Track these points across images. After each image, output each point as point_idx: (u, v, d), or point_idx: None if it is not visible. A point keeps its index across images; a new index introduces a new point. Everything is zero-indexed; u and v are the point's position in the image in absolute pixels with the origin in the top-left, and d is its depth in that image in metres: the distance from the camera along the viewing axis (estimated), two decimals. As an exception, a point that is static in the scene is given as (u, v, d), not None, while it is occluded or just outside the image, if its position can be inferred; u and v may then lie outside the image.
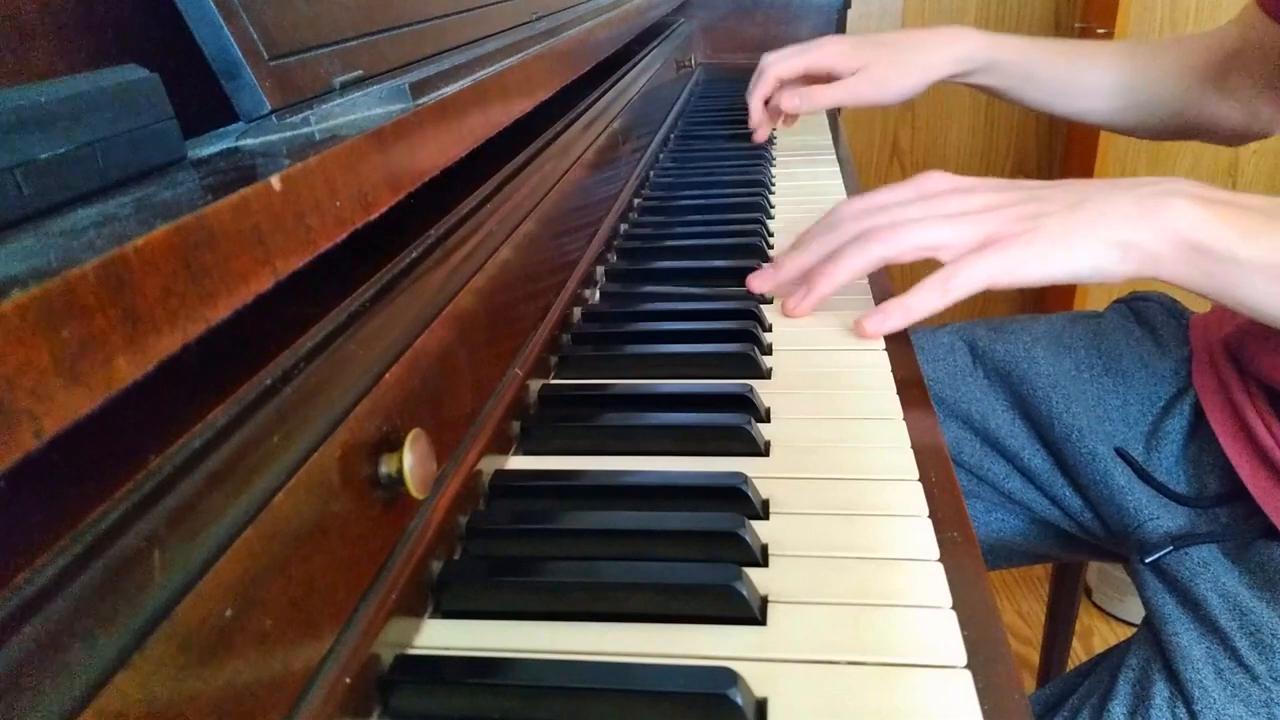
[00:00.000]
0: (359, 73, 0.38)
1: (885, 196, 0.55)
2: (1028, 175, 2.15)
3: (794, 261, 0.58)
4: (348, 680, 0.28)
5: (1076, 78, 0.86)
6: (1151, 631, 0.59)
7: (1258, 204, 0.47)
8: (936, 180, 0.55)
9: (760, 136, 0.99)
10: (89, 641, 0.19)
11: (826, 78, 0.91)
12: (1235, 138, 0.83)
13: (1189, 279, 0.47)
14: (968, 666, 0.31)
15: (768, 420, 0.47)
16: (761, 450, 0.44)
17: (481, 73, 0.42)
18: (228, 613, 0.22)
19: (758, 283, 0.60)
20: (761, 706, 0.30)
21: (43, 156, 0.21)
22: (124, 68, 0.25)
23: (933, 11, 2.05)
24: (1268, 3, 0.75)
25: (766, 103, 0.95)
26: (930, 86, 0.88)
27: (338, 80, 0.36)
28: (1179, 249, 0.46)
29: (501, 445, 0.44)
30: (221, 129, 0.31)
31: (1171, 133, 0.87)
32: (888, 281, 0.63)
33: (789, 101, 0.91)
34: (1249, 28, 0.78)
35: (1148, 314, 0.78)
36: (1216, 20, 1.91)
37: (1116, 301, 0.83)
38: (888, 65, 0.88)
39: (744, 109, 0.98)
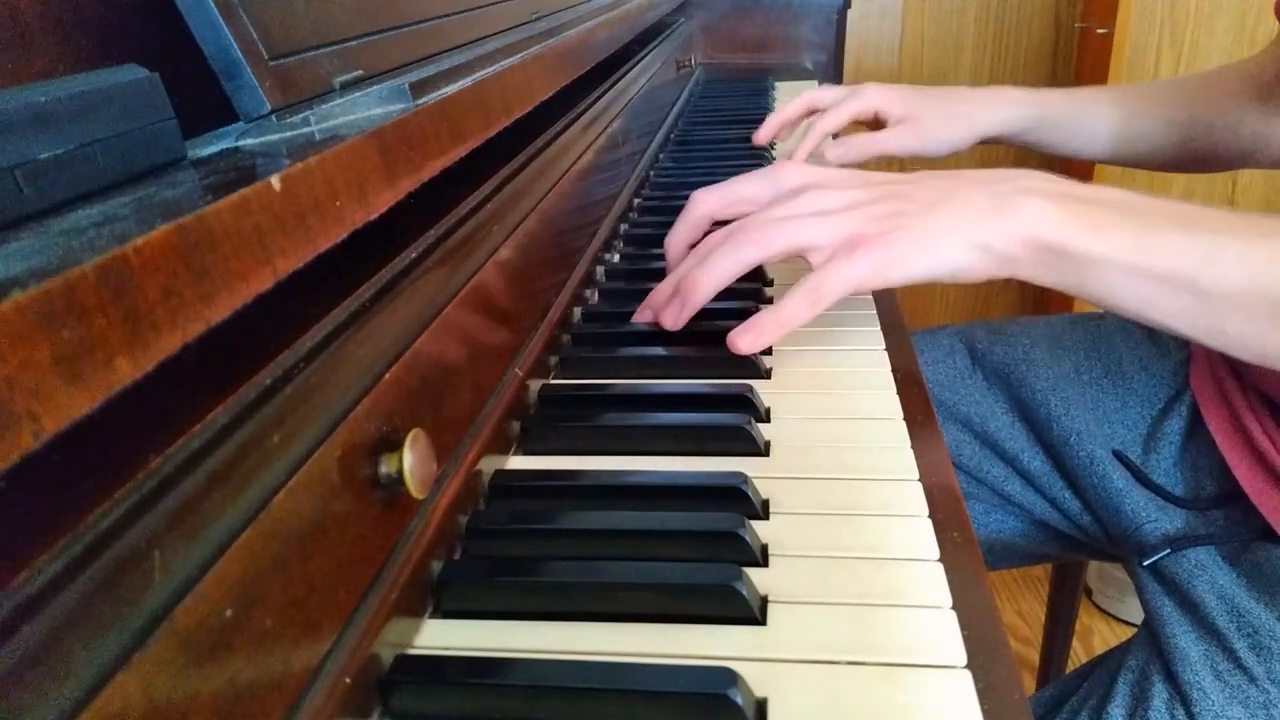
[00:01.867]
0: (359, 73, 0.38)
1: (743, 190, 0.54)
2: (1027, 176, 2.15)
3: (666, 281, 0.55)
4: (348, 680, 0.28)
5: (1084, 124, 0.85)
6: (1150, 633, 0.59)
7: (1114, 198, 0.47)
8: (792, 174, 0.53)
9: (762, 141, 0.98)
10: (89, 641, 0.19)
11: (873, 123, 0.89)
12: (1277, 161, 0.82)
13: (1045, 278, 0.47)
14: (968, 666, 0.31)
15: (768, 420, 0.47)
16: (761, 450, 0.44)
17: (481, 73, 0.42)
18: (228, 613, 0.22)
19: (639, 315, 0.57)
20: (761, 706, 0.30)
21: (43, 156, 0.21)
22: (124, 68, 0.25)
23: (933, 11, 2.05)
24: None
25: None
26: (977, 141, 0.87)
27: (338, 80, 0.36)
28: (1033, 250, 0.46)
29: (501, 445, 0.44)
30: (221, 129, 0.31)
31: (1232, 162, 0.84)
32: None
33: (833, 153, 0.89)
34: None
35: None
36: (1215, 19, 1.92)
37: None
38: (934, 117, 0.86)
39: (744, 109, 0.98)
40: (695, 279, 0.51)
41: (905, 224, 0.47)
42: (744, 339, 0.50)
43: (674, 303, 0.53)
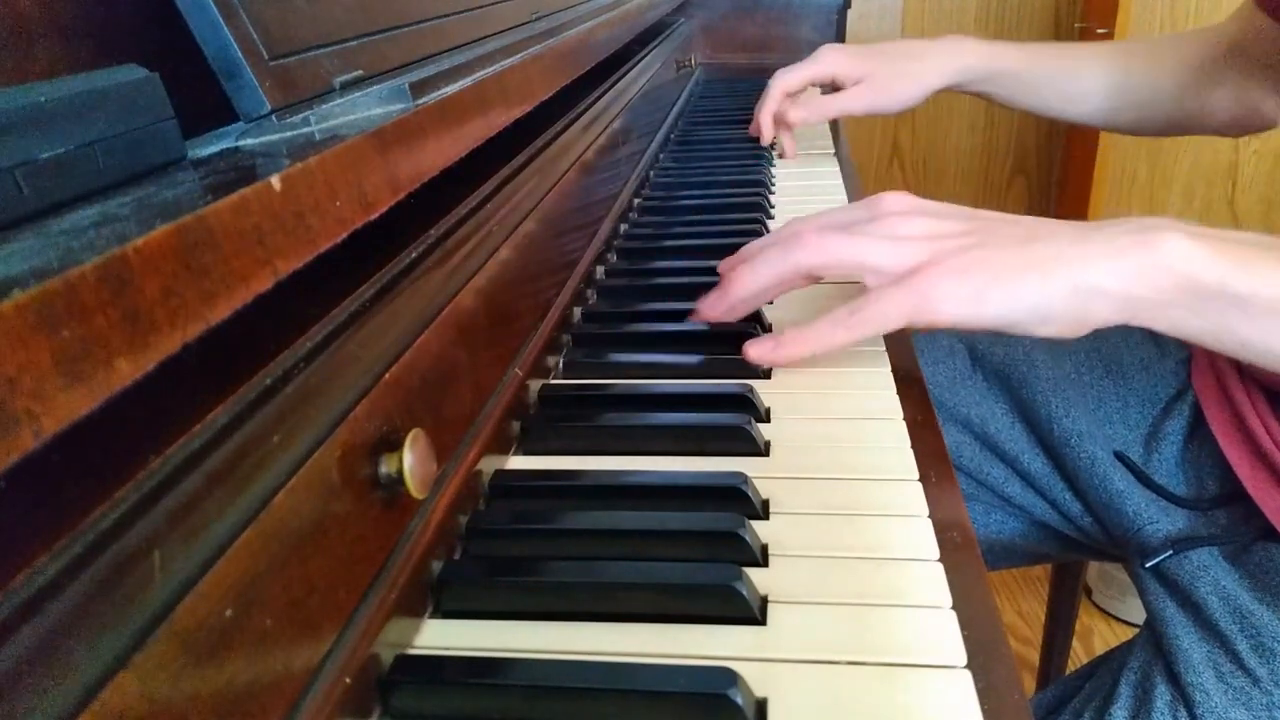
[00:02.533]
0: (359, 73, 0.38)
1: (838, 216, 0.50)
2: (1028, 174, 2.15)
3: (747, 286, 0.51)
4: (348, 680, 0.28)
5: (1072, 82, 0.87)
6: (1153, 634, 0.59)
7: (1246, 238, 0.43)
8: (891, 201, 0.48)
9: (766, 141, 1.00)
10: (89, 641, 0.19)
11: (831, 89, 0.93)
12: (1234, 127, 0.84)
13: (1179, 322, 0.42)
14: (968, 666, 0.30)
15: (768, 420, 0.47)
16: (761, 450, 0.44)
17: (481, 73, 0.42)
18: (228, 613, 0.22)
19: (693, 315, 0.54)
20: (761, 706, 0.30)
21: (43, 156, 0.21)
22: (124, 68, 0.25)
23: (933, 12, 2.05)
24: (1266, 2, 0.75)
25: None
26: (931, 95, 0.90)
27: (338, 80, 0.36)
28: (1175, 289, 0.41)
29: (501, 445, 0.44)
30: (221, 129, 0.31)
31: (1171, 128, 0.87)
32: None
33: (795, 113, 0.93)
34: (1246, 23, 0.79)
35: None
36: (1215, 19, 1.92)
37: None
38: (890, 74, 0.89)
39: (744, 109, 0.99)
40: (740, 273, 0.49)
41: (983, 256, 0.42)
42: (757, 348, 0.47)
43: (715, 292, 0.51)
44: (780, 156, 1.00)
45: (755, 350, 0.47)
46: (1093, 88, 0.87)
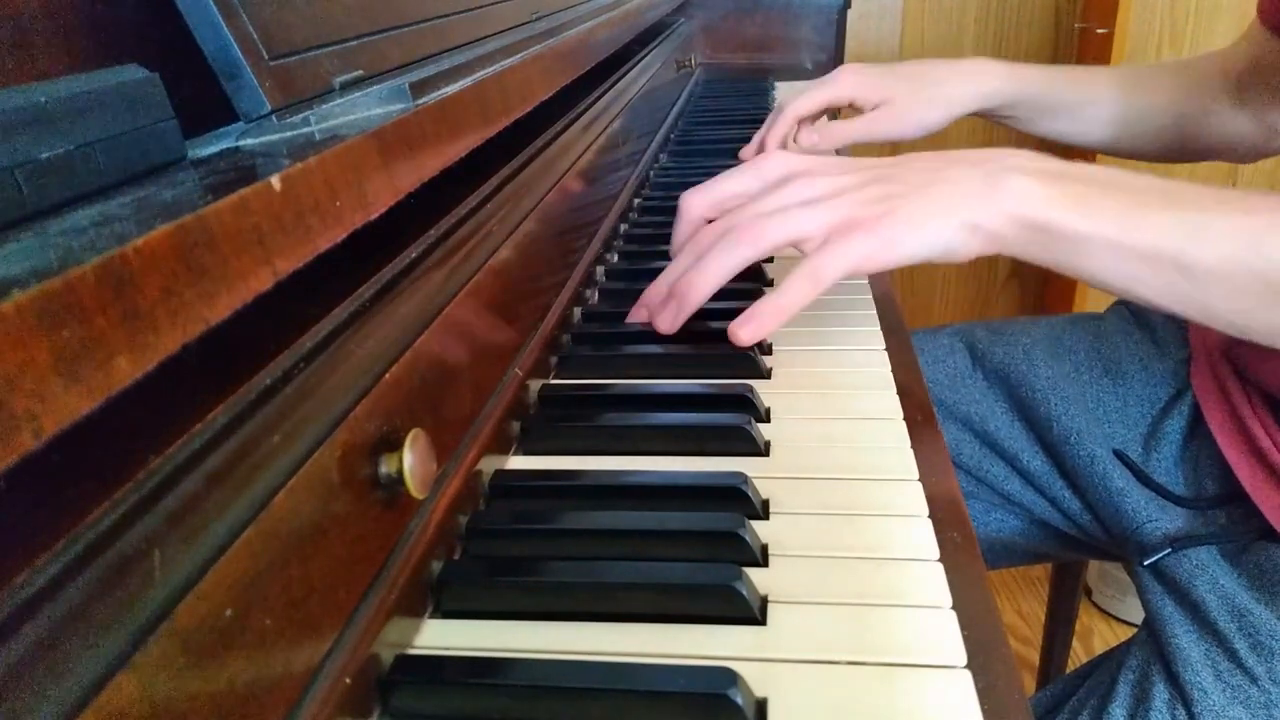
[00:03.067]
0: (359, 73, 0.38)
1: (729, 186, 0.54)
2: (1027, 175, 2.15)
3: (659, 280, 0.56)
4: (348, 680, 0.28)
5: (1087, 107, 0.84)
6: (1151, 633, 0.59)
7: (1101, 176, 0.47)
8: (775, 164, 0.54)
9: (748, 154, 0.97)
10: (89, 641, 0.19)
11: (848, 109, 0.88)
12: (1252, 154, 0.81)
13: (1034, 256, 0.47)
14: (968, 666, 0.31)
15: (768, 420, 0.47)
16: (761, 450, 0.44)
17: (481, 73, 0.42)
18: (228, 613, 0.22)
19: (634, 314, 0.57)
20: (761, 706, 0.30)
21: (43, 156, 0.21)
22: (124, 68, 0.25)
23: (933, 12, 2.05)
24: (1270, 21, 0.75)
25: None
26: (953, 122, 0.86)
27: (338, 80, 0.36)
28: (1020, 228, 0.46)
29: (501, 445, 0.44)
30: (221, 129, 0.31)
31: (1183, 156, 0.85)
32: (888, 276, 0.63)
33: (806, 139, 0.88)
34: (1258, 46, 0.78)
35: (1147, 316, 0.78)
36: (1215, 19, 1.92)
37: (1116, 303, 0.83)
38: (912, 99, 0.85)
39: (744, 109, 0.98)
40: (690, 281, 0.51)
41: (895, 207, 0.48)
42: (745, 330, 0.49)
43: (670, 305, 0.52)
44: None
45: (745, 332, 0.49)
46: (1106, 113, 0.84)
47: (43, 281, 0.16)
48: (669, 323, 0.53)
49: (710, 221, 0.54)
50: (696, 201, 0.55)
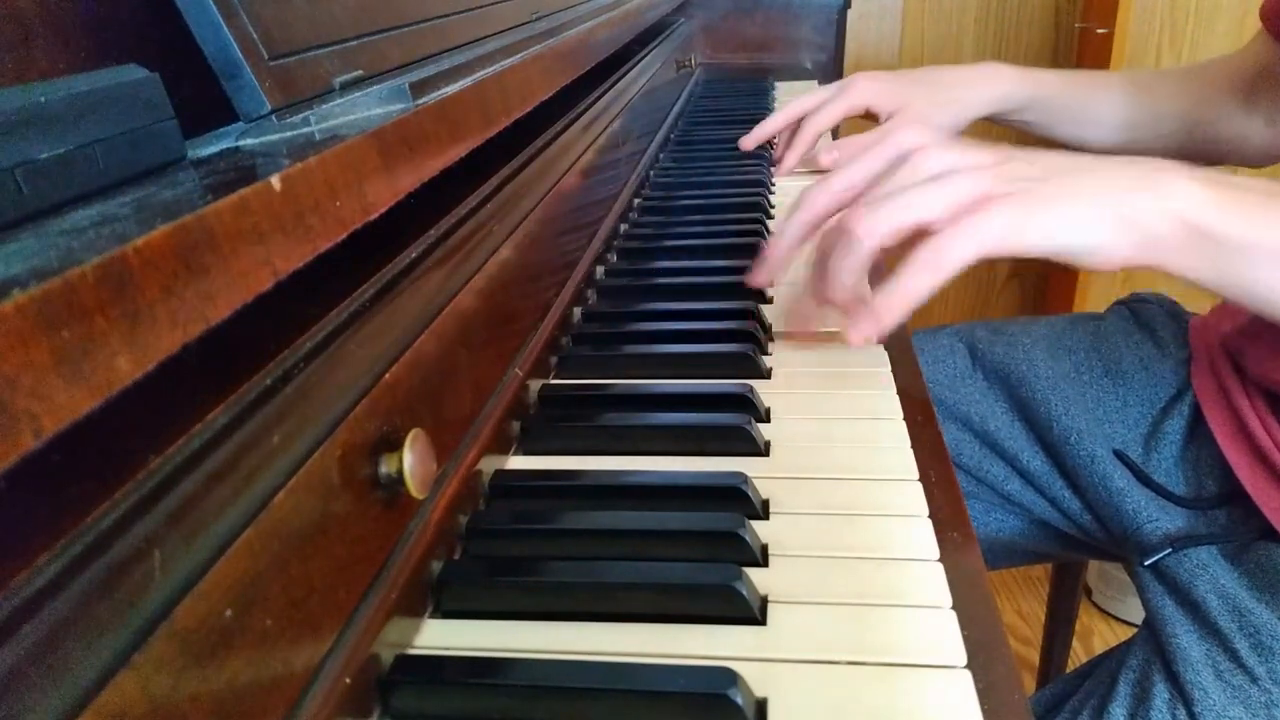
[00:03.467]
0: (359, 73, 0.38)
1: (856, 174, 0.50)
2: (1028, 175, 2.15)
3: (784, 247, 0.53)
4: (348, 680, 0.28)
5: (1099, 110, 0.84)
6: (1151, 633, 0.59)
7: (1257, 185, 0.44)
8: (907, 138, 0.49)
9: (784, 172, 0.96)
10: (89, 641, 0.19)
11: (861, 119, 0.88)
12: (1262, 158, 0.81)
13: (1192, 266, 0.43)
14: (968, 666, 0.31)
15: (768, 420, 0.47)
16: (761, 450, 0.44)
17: (481, 73, 0.42)
18: (228, 613, 0.22)
19: (758, 277, 0.56)
20: (761, 706, 0.30)
21: (43, 156, 0.21)
22: (124, 68, 0.25)
23: (933, 11, 2.05)
24: (1273, 28, 0.75)
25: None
26: (969, 125, 0.86)
27: (338, 80, 0.36)
28: (1184, 231, 0.42)
29: (501, 445, 0.44)
30: (221, 129, 0.31)
31: (1192, 159, 0.85)
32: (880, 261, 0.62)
33: (826, 158, 0.87)
34: (1261, 50, 0.78)
35: (1147, 316, 0.78)
36: (1215, 19, 1.92)
37: (1117, 303, 0.83)
38: (928, 105, 0.85)
39: (745, 109, 0.98)
40: (830, 287, 0.47)
41: (1037, 187, 0.43)
42: (860, 330, 0.44)
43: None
44: (775, 165, 0.95)
45: (860, 333, 0.45)
46: (1115, 118, 0.84)
47: (43, 281, 0.16)
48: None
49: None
50: (818, 195, 0.51)
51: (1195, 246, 0.43)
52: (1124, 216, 0.43)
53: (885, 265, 0.50)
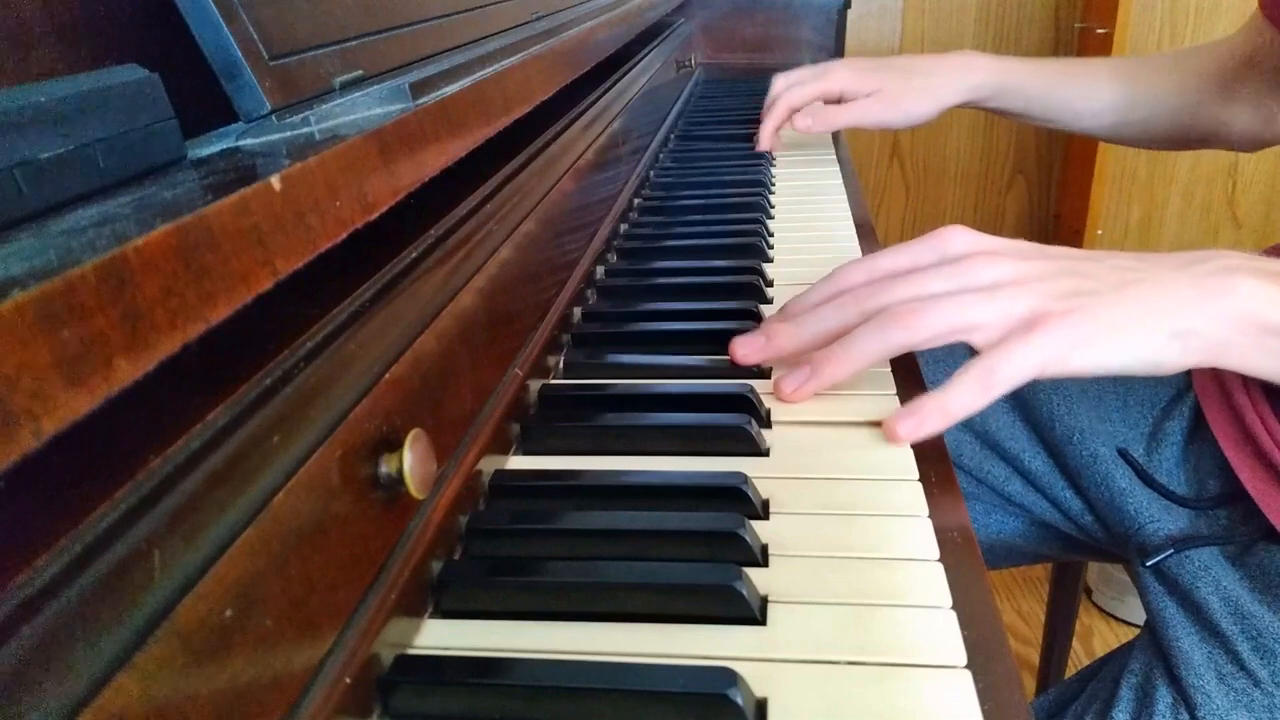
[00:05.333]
0: (359, 72, 0.38)
1: (898, 260, 0.47)
2: (1028, 175, 2.15)
3: (791, 336, 0.49)
4: (348, 680, 0.28)
5: (1082, 97, 0.86)
6: (1153, 635, 0.58)
7: None
8: (958, 240, 0.46)
9: (763, 149, 1.00)
10: (89, 641, 0.19)
11: (838, 102, 0.92)
12: (1249, 143, 0.83)
13: (1261, 365, 0.43)
14: (968, 666, 0.30)
15: (768, 421, 0.47)
16: (761, 450, 0.44)
17: (482, 73, 0.42)
18: (228, 613, 0.22)
19: (744, 351, 0.50)
20: (761, 706, 0.30)
21: (43, 156, 0.21)
22: (124, 68, 0.25)
23: (933, 11, 2.05)
24: (1271, 11, 0.75)
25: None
26: (943, 112, 0.89)
27: (338, 80, 0.36)
28: (1249, 333, 0.42)
29: (501, 445, 0.44)
30: (221, 129, 0.31)
31: (1184, 142, 0.86)
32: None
33: (801, 122, 0.92)
34: (1257, 35, 0.78)
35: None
36: (1215, 19, 1.92)
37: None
38: (901, 89, 0.88)
39: (744, 109, 0.99)
40: (836, 358, 0.46)
41: (1092, 306, 0.42)
42: (904, 425, 0.43)
43: (799, 372, 0.47)
44: (758, 148, 0.99)
45: (904, 428, 0.44)
46: (1103, 103, 0.86)
47: (43, 281, 0.16)
48: (795, 391, 0.47)
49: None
50: (853, 272, 0.48)
51: (1262, 345, 0.42)
52: (1186, 331, 0.42)
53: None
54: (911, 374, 0.51)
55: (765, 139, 0.98)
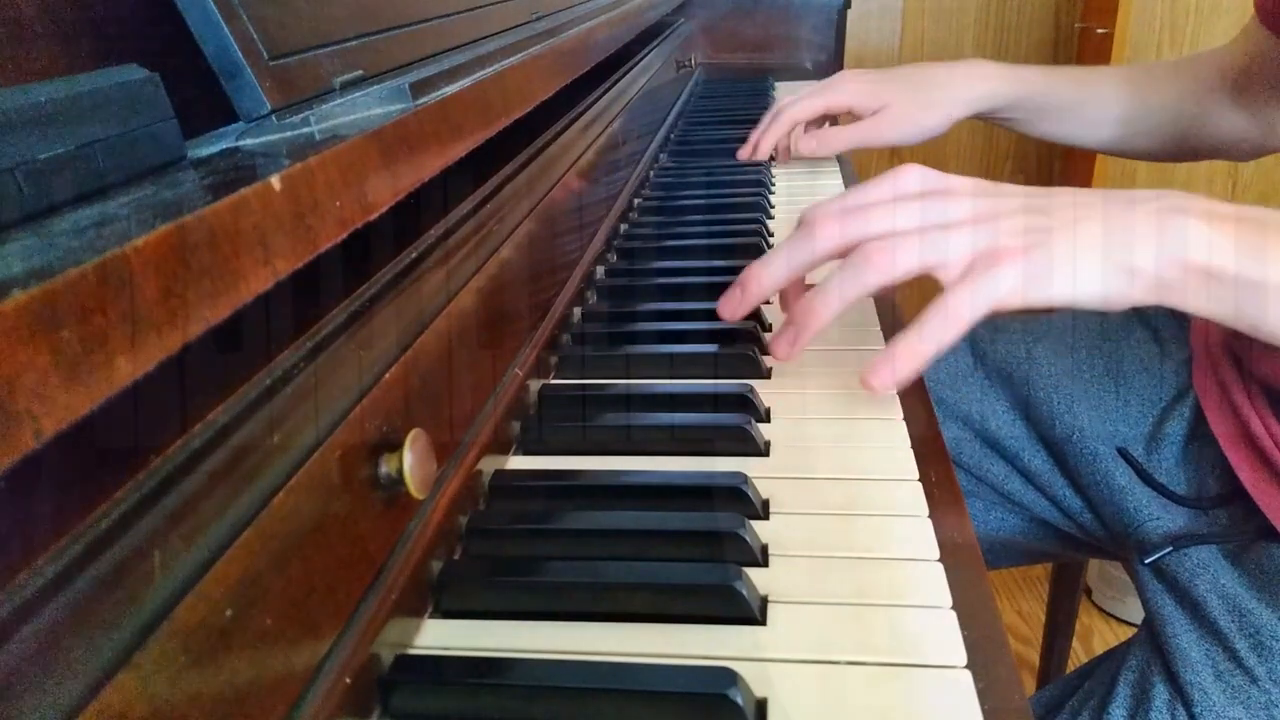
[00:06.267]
0: (359, 73, 0.38)
1: (860, 197, 0.48)
2: (1028, 175, 2.15)
3: (765, 278, 0.49)
4: (348, 680, 0.28)
5: (1089, 108, 0.84)
6: (1151, 633, 0.59)
7: (1270, 217, 0.43)
8: (913, 177, 0.48)
9: (744, 155, 0.96)
10: (89, 641, 0.19)
11: (845, 115, 0.89)
12: (1251, 152, 0.81)
13: (1200, 306, 0.43)
14: (968, 666, 0.30)
15: (768, 420, 0.47)
16: (761, 450, 0.44)
17: (482, 73, 0.42)
18: (228, 613, 0.22)
19: (727, 308, 0.51)
20: (761, 706, 0.30)
21: (43, 156, 0.21)
22: (124, 68, 0.25)
23: (933, 11, 2.05)
24: (1268, 19, 0.75)
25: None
26: (954, 124, 0.86)
27: (338, 80, 0.36)
28: (1191, 274, 0.42)
29: (501, 445, 0.44)
30: (221, 129, 0.31)
31: (1183, 154, 0.85)
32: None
33: (805, 145, 0.88)
34: (1255, 43, 0.78)
35: (1149, 315, 0.78)
36: (1215, 20, 1.92)
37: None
38: (911, 104, 0.85)
39: (744, 109, 0.98)
40: (810, 308, 0.47)
41: (1047, 240, 0.43)
42: (879, 375, 0.44)
43: (786, 332, 0.48)
44: (772, 160, 0.96)
45: (879, 378, 0.44)
46: (1114, 111, 0.84)
47: (43, 281, 0.16)
48: (786, 349, 0.48)
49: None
50: (825, 210, 0.48)
51: (1205, 287, 0.43)
52: (1131, 266, 0.43)
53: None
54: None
55: (749, 148, 0.94)
